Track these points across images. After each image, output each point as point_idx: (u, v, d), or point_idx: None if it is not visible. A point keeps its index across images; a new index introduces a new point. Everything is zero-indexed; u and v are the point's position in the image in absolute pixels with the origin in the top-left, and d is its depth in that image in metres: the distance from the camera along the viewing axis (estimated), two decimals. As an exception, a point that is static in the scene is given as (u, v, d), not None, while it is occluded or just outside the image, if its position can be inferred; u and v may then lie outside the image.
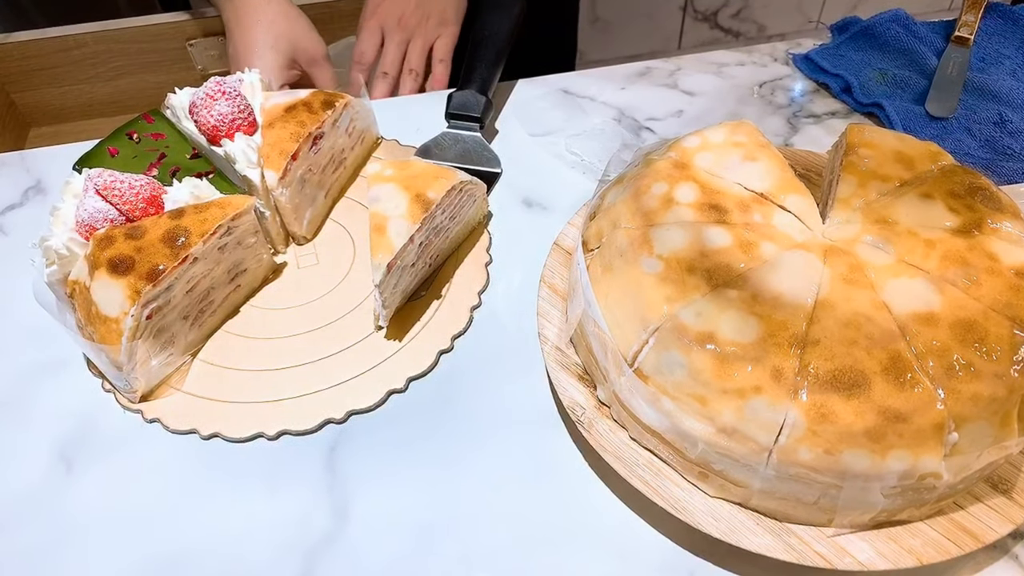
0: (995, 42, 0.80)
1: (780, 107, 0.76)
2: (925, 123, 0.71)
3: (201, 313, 0.55)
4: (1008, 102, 0.73)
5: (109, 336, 0.50)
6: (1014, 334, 0.41)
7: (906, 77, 0.76)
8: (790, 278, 0.44)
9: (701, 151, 0.52)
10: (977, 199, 0.48)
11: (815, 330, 0.42)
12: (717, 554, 0.45)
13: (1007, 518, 0.43)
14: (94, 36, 0.87)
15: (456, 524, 0.47)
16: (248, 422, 0.52)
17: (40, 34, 0.86)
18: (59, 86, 0.86)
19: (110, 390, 0.54)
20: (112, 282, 0.50)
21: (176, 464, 0.51)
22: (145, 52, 0.79)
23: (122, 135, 0.62)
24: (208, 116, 0.59)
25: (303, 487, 0.49)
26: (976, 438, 0.40)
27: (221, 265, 0.55)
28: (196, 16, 0.88)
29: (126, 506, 0.49)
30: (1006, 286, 0.43)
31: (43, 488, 0.50)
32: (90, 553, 0.47)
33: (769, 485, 0.42)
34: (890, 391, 0.39)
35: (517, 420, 0.52)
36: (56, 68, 0.88)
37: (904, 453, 0.39)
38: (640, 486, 0.45)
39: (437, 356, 0.55)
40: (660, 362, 0.43)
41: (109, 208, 0.53)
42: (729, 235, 0.46)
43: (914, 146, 0.52)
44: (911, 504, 0.42)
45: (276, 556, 0.46)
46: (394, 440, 0.51)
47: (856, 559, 0.42)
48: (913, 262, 0.45)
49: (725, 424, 0.41)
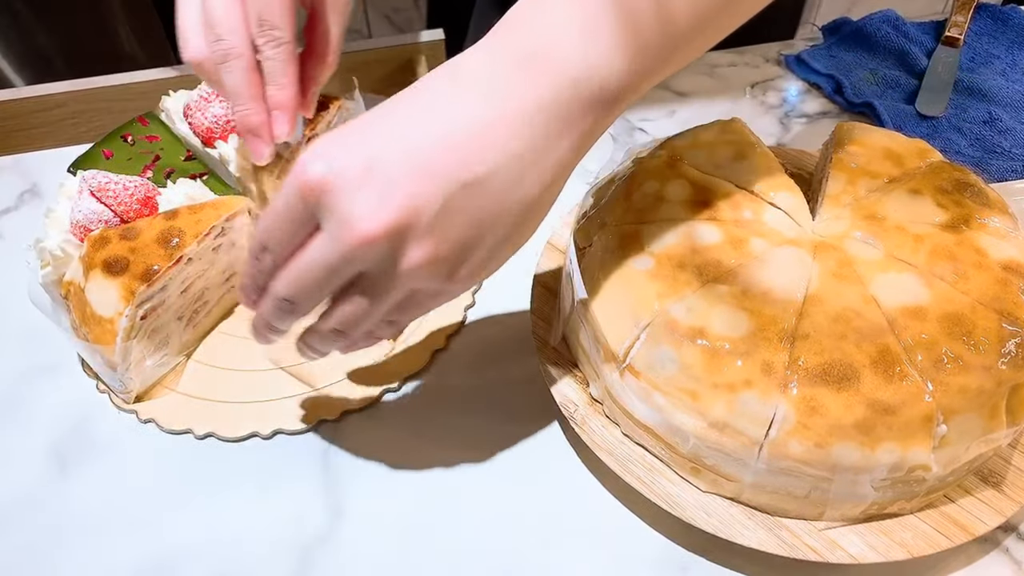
0: (985, 42, 0.81)
1: (772, 107, 0.76)
2: (916, 122, 0.72)
3: (196, 314, 0.56)
4: (997, 101, 0.73)
5: (104, 337, 0.50)
6: (1001, 327, 0.41)
7: (897, 77, 0.76)
8: (780, 273, 0.44)
9: (692, 149, 0.52)
10: (965, 195, 0.48)
11: (805, 324, 0.42)
12: (710, 549, 0.46)
13: (997, 511, 0.43)
14: (74, 95, 0.81)
15: (450, 522, 0.48)
16: (243, 422, 0.52)
17: (16, 93, 0.81)
18: (39, 148, 0.80)
19: (105, 391, 0.54)
20: (107, 283, 0.50)
21: (171, 464, 0.51)
22: (129, 111, 0.71)
23: (116, 137, 0.62)
24: (203, 118, 0.59)
25: (298, 486, 0.49)
26: (965, 430, 0.40)
27: (216, 266, 0.55)
28: (180, 72, 0.83)
29: (121, 506, 0.49)
30: (993, 280, 0.43)
31: (38, 489, 0.50)
32: (85, 554, 0.47)
33: (760, 479, 0.42)
34: (879, 384, 0.40)
35: (511, 418, 0.52)
36: (35, 129, 0.81)
37: (893, 445, 0.39)
38: (633, 482, 0.45)
39: (431, 355, 0.55)
40: (652, 357, 0.43)
41: (104, 209, 0.53)
42: (719, 232, 0.47)
43: (903, 143, 0.52)
44: (901, 497, 0.42)
45: (271, 555, 0.46)
46: (389, 439, 0.51)
47: (847, 552, 0.42)
48: (902, 257, 0.45)
49: (716, 418, 0.41)
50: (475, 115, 0.34)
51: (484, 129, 0.34)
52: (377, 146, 0.34)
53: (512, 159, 0.34)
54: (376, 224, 0.33)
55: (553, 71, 0.35)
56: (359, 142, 0.34)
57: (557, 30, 0.35)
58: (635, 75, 0.36)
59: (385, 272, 0.35)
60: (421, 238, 0.34)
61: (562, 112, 0.35)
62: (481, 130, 0.34)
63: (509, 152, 0.34)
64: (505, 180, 0.34)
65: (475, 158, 0.34)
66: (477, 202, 0.34)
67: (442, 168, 0.33)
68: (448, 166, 0.33)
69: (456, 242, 0.35)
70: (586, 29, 0.35)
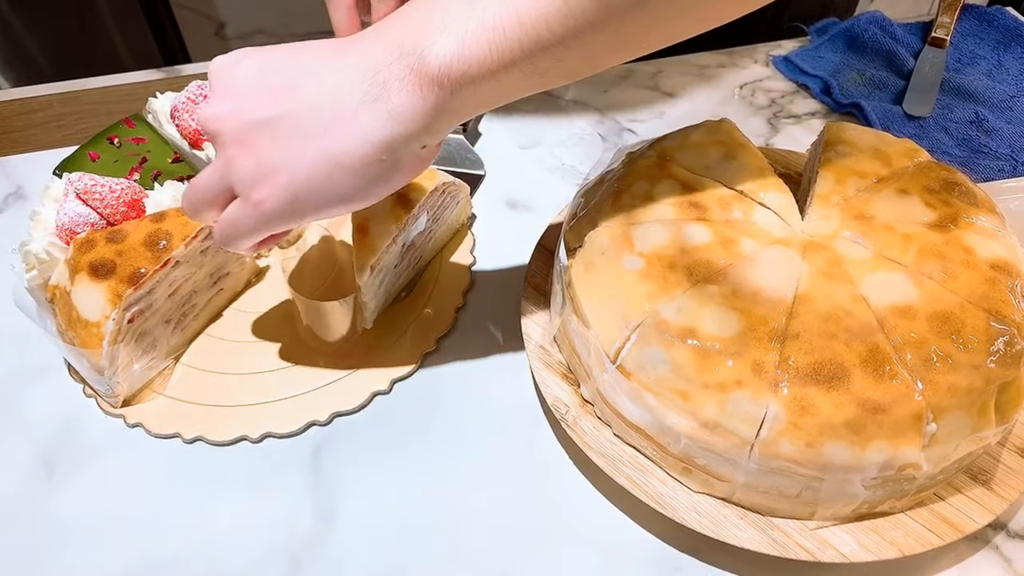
0: (971, 43, 0.82)
1: (761, 108, 0.76)
2: (903, 123, 0.72)
3: (183, 317, 0.55)
4: (984, 101, 0.74)
5: (90, 340, 0.49)
6: (990, 325, 0.41)
7: (884, 78, 0.77)
8: (770, 273, 0.44)
9: (681, 150, 0.53)
10: (953, 194, 0.48)
11: (795, 324, 0.42)
12: (702, 549, 0.46)
13: (987, 508, 0.43)
14: (60, 98, 0.81)
15: (442, 524, 0.47)
16: (232, 425, 0.51)
17: (0, 95, 0.80)
18: (23, 150, 0.79)
19: (91, 395, 0.54)
20: (93, 286, 0.49)
21: (159, 468, 0.50)
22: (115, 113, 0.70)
23: (103, 140, 0.61)
24: (190, 120, 0.59)
25: (288, 490, 0.49)
26: (954, 428, 0.40)
27: (203, 268, 0.55)
28: (168, 74, 0.82)
29: (109, 511, 0.48)
30: (982, 279, 0.43)
31: (24, 494, 0.49)
32: (73, 560, 0.46)
33: (752, 479, 0.42)
34: (869, 383, 0.40)
35: (502, 420, 0.52)
36: (19, 131, 0.80)
37: (884, 444, 0.39)
38: (624, 482, 0.45)
39: (422, 357, 0.55)
40: (642, 358, 0.43)
41: (90, 212, 0.52)
42: (709, 232, 0.47)
43: (891, 143, 0.53)
44: (892, 495, 0.42)
45: (261, 559, 0.46)
46: (379, 441, 0.51)
47: (839, 551, 0.42)
48: (891, 256, 0.45)
49: (707, 418, 0.41)
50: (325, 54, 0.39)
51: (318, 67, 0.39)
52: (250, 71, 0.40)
53: (326, 102, 0.38)
54: (207, 111, 0.40)
55: (394, 44, 0.37)
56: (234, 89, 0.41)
57: (416, 12, 0.37)
58: (465, 60, 0.36)
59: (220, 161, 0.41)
60: (231, 141, 0.40)
61: (376, 77, 0.37)
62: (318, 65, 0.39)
63: (327, 93, 0.38)
64: (313, 121, 0.38)
65: (295, 94, 0.39)
66: (279, 130, 0.39)
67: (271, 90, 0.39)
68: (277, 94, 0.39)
69: (258, 157, 0.39)
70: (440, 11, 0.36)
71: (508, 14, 0.34)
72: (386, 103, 0.37)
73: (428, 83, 0.36)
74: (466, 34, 0.35)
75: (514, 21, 0.35)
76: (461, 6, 0.36)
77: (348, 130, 0.38)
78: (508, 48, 0.35)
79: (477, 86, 0.36)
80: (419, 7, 0.38)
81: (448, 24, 0.36)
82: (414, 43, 0.36)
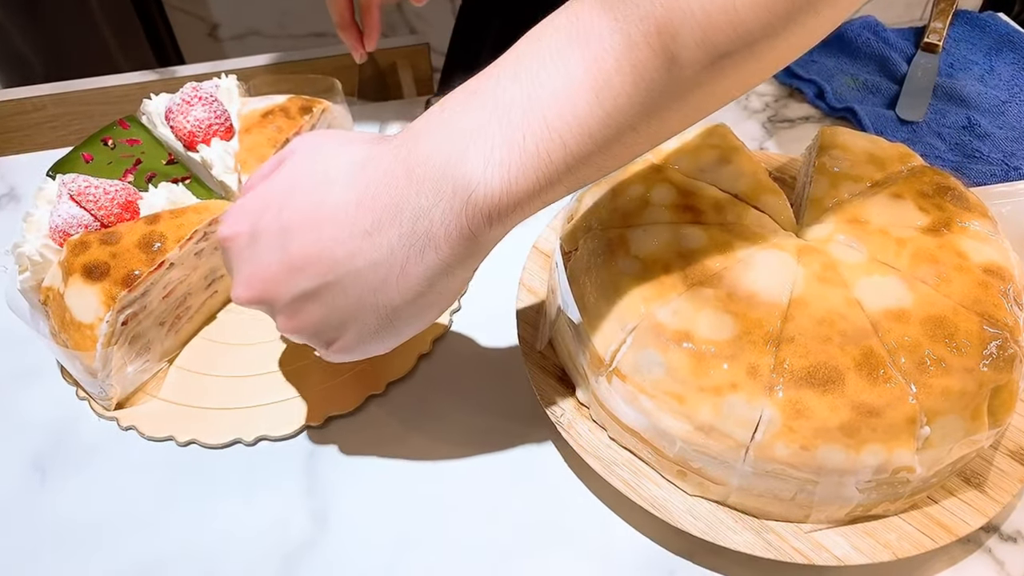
0: (963, 48, 0.82)
1: (755, 112, 0.77)
2: (896, 127, 0.73)
3: (178, 319, 0.55)
4: (976, 106, 0.74)
5: (83, 343, 0.49)
6: (983, 329, 0.42)
7: (877, 82, 0.77)
8: (765, 277, 0.44)
9: (677, 153, 0.53)
10: (946, 199, 0.49)
11: (790, 327, 0.42)
12: (696, 552, 0.46)
13: (980, 511, 0.43)
14: (53, 99, 0.80)
15: (436, 527, 0.47)
16: (226, 428, 0.51)
17: None
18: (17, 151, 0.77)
19: (84, 397, 0.53)
20: (87, 288, 0.49)
21: (153, 471, 0.50)
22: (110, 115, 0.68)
23: (97, 141, 0.61)
24: (184, 122, 0.58)
25: (282, 493, 0.49)
26: (948, 432, 0.40)
27: (198, 271, 0.55)
28: (163, 75, 0.82)
29: (102, 515, 0.48)
30: (975, 283, 0.44)
31: (17, 497, 0.49)
32: (66, 563, 0.46)
33: (747, 482, 0.42)
34: (863, 386, 0.40)
35: (497, 423, 0.52)
36: (13, 132, 0.80)
37: (878, 447, 0.40)
38: (619, 485, 0.45)
39: (417, 359, 0.55)
40: (638, 361, 0.43)
41: (84, 214, 0.52)
42: (705, 235, 0.47)
43: (885, 148, 0.53)
44: (886, 498, 0.42)
45: (255, 562, 0.46)
46: (373, 444, 0.51)
47: (833, 554, 0.42)
48: (885, 260, 0.45)
49: (702, 421, 0.41)
50: (347, 219, 0.37)
51: (348, 238, 0.37)
52: (265, 221, 0.39)
53: (367, 268, 0.37)
54: (243, 295, 0.40)
55: (429, 186, 0.35)
56: (255, 210, 0.40)
57: (446, 144, 0.35)
58: (515, 194, 0.35)
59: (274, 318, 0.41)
60: (281, 313, 0.40)
61: (415, 227, 0.36)
62: (347, 238, 0.37)
63: (367, 261, 0.37)
64: (361, 287, 0.37)
65: (330, 266, 0.37)
66: (328, 299, 0.38)
67: (302, 265, 0.38)
68: (308, 268, 0.38)
69: (315, 324, 0.39)
70: (474, 144, 0.35)
71: (551, 139, 0.34)
72: (436, 252, 0.36)
73: (476, 223, 0.35)
74: (511, 168, 0.34)
75: (558, 145, 0.34)
76: (496, 137, 0.34)
77: (401, 287, 0.37)
78: (555, 171, 0.35)
79: (524, 209, 0.36)
80: (437, 136, 0.36)
81: (488, 158, 0.34)
82: (453, 186, 0.35)
